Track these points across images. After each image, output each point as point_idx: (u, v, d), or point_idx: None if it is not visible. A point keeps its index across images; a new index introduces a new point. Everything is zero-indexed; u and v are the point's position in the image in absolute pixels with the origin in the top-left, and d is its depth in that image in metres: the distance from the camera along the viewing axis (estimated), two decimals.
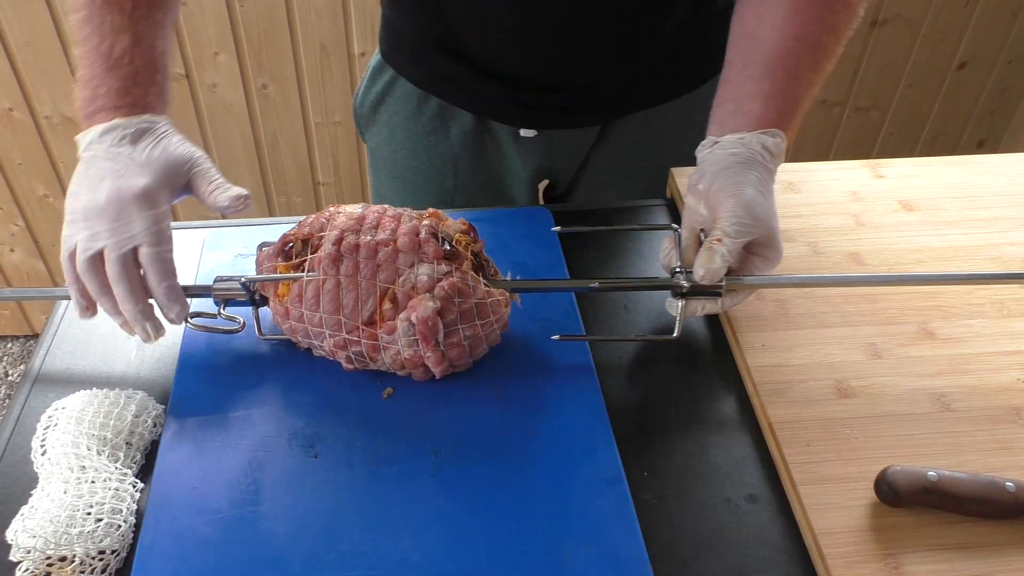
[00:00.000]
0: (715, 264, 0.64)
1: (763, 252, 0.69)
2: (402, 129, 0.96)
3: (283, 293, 0.67)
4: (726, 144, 0.69)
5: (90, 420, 0.62)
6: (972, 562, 0.57)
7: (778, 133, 0.69)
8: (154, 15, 0.68)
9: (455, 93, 0.91)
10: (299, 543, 0.57)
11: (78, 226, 0.65)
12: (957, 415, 0.67)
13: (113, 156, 0.65)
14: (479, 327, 0.65)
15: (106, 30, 0.66)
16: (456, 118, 0.93)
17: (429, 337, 0.63)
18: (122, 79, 0.66)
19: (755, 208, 0.66)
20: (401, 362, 0.65)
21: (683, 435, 0.67)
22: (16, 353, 2.13)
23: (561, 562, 0.56)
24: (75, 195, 0.65)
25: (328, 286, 0.64)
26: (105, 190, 0.63)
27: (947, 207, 0.88)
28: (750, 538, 0.60)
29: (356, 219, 0.67)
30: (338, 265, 0.64)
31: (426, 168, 0.97)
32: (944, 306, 0.76)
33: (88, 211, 0.64)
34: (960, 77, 1.80)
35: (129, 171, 0.64)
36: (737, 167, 0.67)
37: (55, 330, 0.75)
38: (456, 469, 0.61)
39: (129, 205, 0.63)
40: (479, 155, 0.95)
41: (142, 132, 0.66)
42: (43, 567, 0.55)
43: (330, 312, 0.64)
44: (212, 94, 1.67)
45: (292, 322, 0.66)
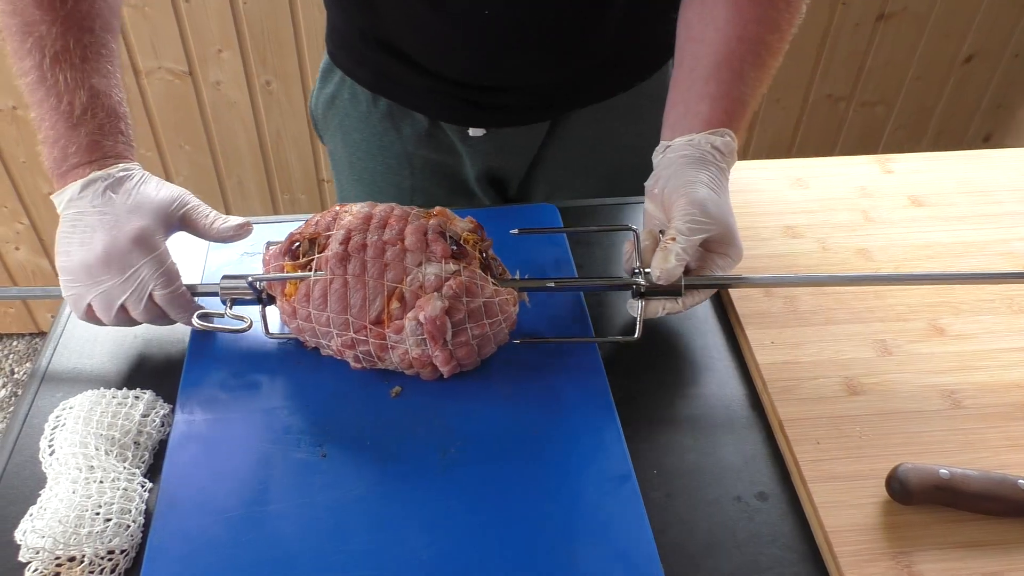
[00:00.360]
0: (669, 264, 0.64)
1: (722, 250, 0.69)
2: (355, 131, 0.95)
3: (290, 292, 0.66)
4: (677, 147, 0.70)
5: (98, 420, 0.62)
6: (984, 560, 0.57)
7: (727, 132, 0.69)
8: (103, 65, 0.68)
9: (401, 93, 0.91)
10: (307, 542, 0.57)
11: (81, 284, 0.65)
12: (968, 412, 0.67)
13: (99, 208, 0.65)
14: (487, 326, 0.65)
15: (62, 89, 0.65)
16: (407, 118, 0.92)
17: (437, 336, 0.63)
18: (90, 134, 0.66)
19: (708, 206, 0.66)
20: (409, 361, 0.65)
21: (693, 433, 0.67)
22: (22, 351, 2.13)
23: (571, 561, 0.56)
24: (67, 253, 0.65)
25: (335, 286, 0.64)
26: (100, 242, 0.64)
27: (957, 202, 0.87)
28: (760, 536, 0.60)
29: (363, 218, 0.66)
30: (345, 264, 0.64)
31: (383, 169, 0.96)
32: (954, 302, 0.76)
33: (88, 266, 0.64)
34: (967, 71, 1.79)
35: (119, 219, 0.64)
36: (688, 168, 0.68)
37: (62, 329, 0.75)
38: (465, 468, 0.61)
39: (129, 252, 0.64)
40: (434, 154, 0.94)
41: (121, 180, 0.66)
42: (52, 567, 0.55)
43: (337, 312, 0.64)
44: (216, 91, 1.67)
45: (299, 321, 0.66)
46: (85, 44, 0.66)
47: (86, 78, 0.66)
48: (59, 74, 0.65)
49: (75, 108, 0.66)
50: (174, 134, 1.73)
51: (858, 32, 1.70)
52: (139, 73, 1.62)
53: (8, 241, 1.90)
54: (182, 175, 1.79)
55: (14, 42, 0.66)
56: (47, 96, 0.66)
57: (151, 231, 0.65)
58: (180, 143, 1.74)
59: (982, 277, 0.76)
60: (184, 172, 1.79)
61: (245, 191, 1.84)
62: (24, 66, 0.66)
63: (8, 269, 1.95)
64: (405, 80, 0.88)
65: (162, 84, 1.64)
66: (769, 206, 0.87)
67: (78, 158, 0.66)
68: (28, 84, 0.66)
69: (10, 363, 2.10)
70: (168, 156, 1.76)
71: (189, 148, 1.75)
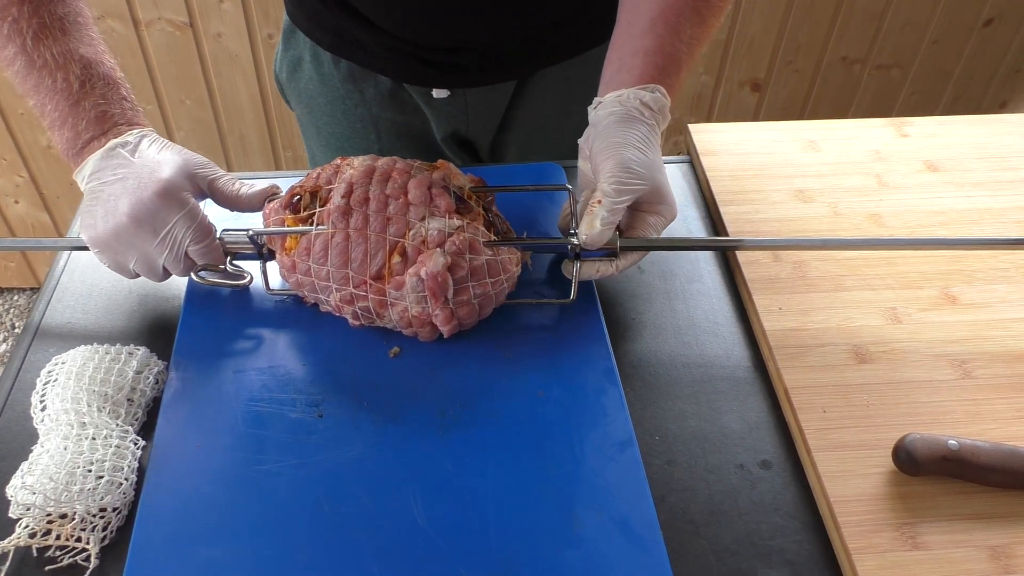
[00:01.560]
0: (595, 228, 0.63)
1: (653, 209, 0.67)
2: (319, 94, 0.93)
3: (291, 246, 0.65)
4: (607, 104, 0.68)
5: (90, 376, 0.61)
6: (991, 532, 0.56)
7: (657, 88, 0.67)
8: (85, 33, 0.66)
9: (361, 55, 0.88)
10: (302, 503, 0.56)
11: (114, 252, 0.65)
12: (978, 382, 0.65)
13: (122, 175, 0.63)
14: (489, 285, 0.63)
15: (52, 67, 0.64)
16: (369, 79, 0.89)
17: (439, 293, 0.61)
18: (95, 106, 0.65)
19: (634, 165, 0.64)
20: (408, 319, 0.64)
21: (696, 400, 0.65)
22: (22, 305, 2.12)
23: (570, 526, 0.55)
24: (93, 226, 0.64)
25: (337, 239, 0.63)
26: (126, 204, 0.62)
27: (973, 168, 0.85)
28: (763, 505, 0.59)
29: (365, 171, 0.65)
30: (347, 218, 0.63)
31: (348, 132, 0.94)
32: (967, 270, 0.74)
33: (119, 231, 0.63)
34: (986, 34, 1.75)
35: (142, 179, 0.62)
36: (616, 126, 0.66)
37: (55, 283, 0.73)
38: (464, 431, 0.60)
39: (158, 210, 0.62)
40: (399, 116, 0.92)
41: (139, 144, 0.65)
42: (44, 524, 0.55)
43: (338, 266, 0.63)
44: (217, 43, 1.63)
45: (299, 276, 0.65)
46: (60, 16, 0.64)
47: (73, 50, 0.64)
48: (45, 52, 0.64)
49: (72, 83, 0.64)
50: (174, 87, 1.70)
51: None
52: (138, 24, 1.59)
53: (7, 194, 1.88)
54: (183, 130, 1.77)
55: None
56: (40, 78, 0.64)
57: (177, 186, 0.63)
58: (181, 97, 1.71)
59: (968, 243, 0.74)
60: (185, 127, 1.76)
61: (247, 146, 1.82)
62: (7, 54, 0.64)
63: (8, 222, 1.94)
64: (364, 41, 0.85)
65: (162, 36, 1.61)
66: (779, 169, 0.84)
67: (90, 132, 0.65)
68: (17, 72, 0.64)
69: (11, 317, 2.10)
70: (169, 110, 1.73)
71: (190, 103, 1.72)
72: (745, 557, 0.56)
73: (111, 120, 0.65)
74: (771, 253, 0.75)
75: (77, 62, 0.64)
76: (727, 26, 1.68)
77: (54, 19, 0.64)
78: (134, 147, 0.65)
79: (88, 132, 0.65)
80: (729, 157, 0.86)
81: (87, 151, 0.65)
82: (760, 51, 1.73)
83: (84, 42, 0.66)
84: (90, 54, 0.65)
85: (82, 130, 0.64)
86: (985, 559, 0.55)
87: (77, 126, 0.64)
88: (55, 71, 0.64)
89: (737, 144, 0.88)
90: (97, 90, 0.65)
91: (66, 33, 0.65)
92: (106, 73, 0.66)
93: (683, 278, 0.75)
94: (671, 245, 0.72)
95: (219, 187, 0.67)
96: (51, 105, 0.64)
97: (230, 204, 0.68)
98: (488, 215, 0.66)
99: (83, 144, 0.65)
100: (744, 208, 0.80)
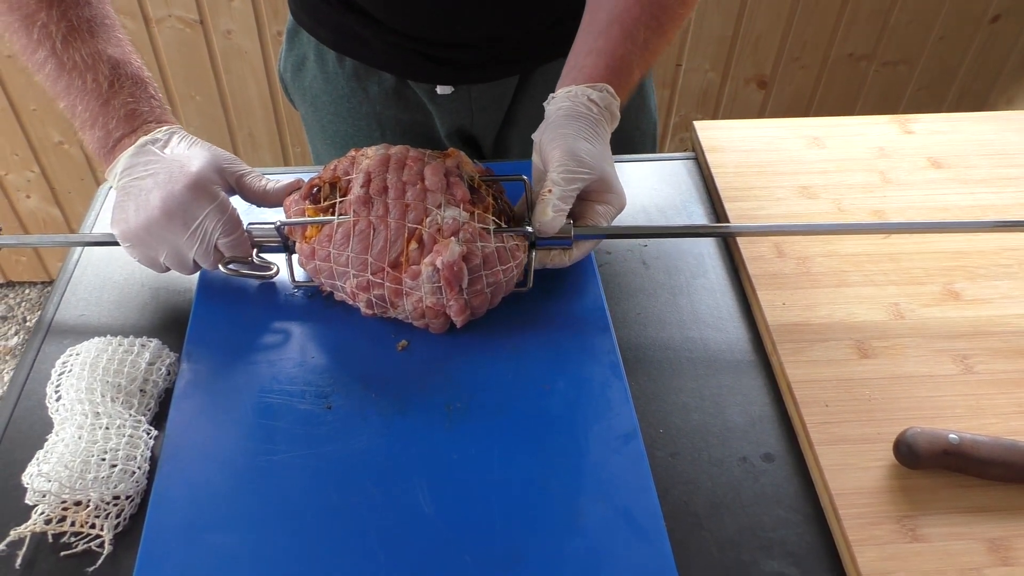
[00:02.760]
0: (547, 216, 0.64)
1: (602, 198, 0.69)
2: (323, 93, 0.94)
3: (311, 236, 0.66)
4: (558, 99, 0.70)
5: (104, 367, 0.62)
6: (991, 525, 0.57)
7: (605, 87, 0.69)
8: (113, 35, 0.67)
9: (365, 52, 0.89)
10: (311, 493, 0.57)
11: (145, 246, 0.65)
12: (980, 377, 0.66)
13: (153, 170, 0.64)
14: (500, 273, 0.64)
15: (82, 68, 0.65)
16: (373, 77, 0.90)
17: (454, 283, 0.62)
18: (124, 105, 0.66)
19: (581, 154, 0.66)
20: (422, 310, 0.64)
21: (700, 393, 0.66)
22: (34, 299, 2.14)
23: (574, 517, 0.56)
24: (124, 220, 0.65)
25: (360, 227, 0.64)
26: (157, 198, 0.63)
27: (977, 164, 0.85)
28: (765, 497, 0.60)
29: (381, 159, 0.66)
30: (368, 207, 0.64)
31: (352, 130, 0.95)
32: (970, 266, 0.75)
33: (150, 225, 0.64)
34: (993, 31, 1.75)
35: (172, 173, 0.63)
36: (564, 119, 0.68)
37: (69, 276, 0.75)
38: (470, 423, 0.61)
39: (189, 203, 0.63)
40: (403, 113, 0.93)
41: (168, 140, 0.66)
42: (59, 511, 0.56)
43: (357, 252, 0.64)
44: (227, 40, 1.65)
45: (317, 262, 0.65)
46: (87, 18, 0.66)
47: (102, 51, 0.66)
48: (74, 54, 0.65)
49: (101, 83, 0.65)
50: (184, 84, 1.71)
51: None
52: (149, 21, 1.60)
53: (19, 189, 1.90)
54: (193, 126, 1.78)
55: (21, 38, 0.65)
56: (71, 80, 0.65)
57: (207, 179, 0.64)
58: (191, 93, 1.72)
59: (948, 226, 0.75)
60: (195, 123, 1.78)
61: (256, 143, 1.83)
62: (38, 58, 0.65)
63: (19, 217, 1.96)
64: (368, 38, 0.86)
65: (172, 32, 1.62)
66: (784, 166, 0.85)
67: (121, 131, 0.66)
68: (48, 75, 0.66)
69: (22, 311, 2.12)
70: (179, 106, 1.74)
71: (200, 99, 1.73)
72: (747, 548, 0.57)
73: (141, 118, 0.66)
74: (775, 247, 0.76)
75: (106, 63, 0.65)
76: (733, 22, 1.69)
77: (82, 22, 0.65)
78: (164, 143, 0.66)
79: (119, 130, 0.66)
80: (734, 154, 0.86)
81: (118, 149, 0.66)
82: (766, 48, 1.74)
83: (112, 43, 0.67)
84: (118, 55, 0.67)
85: (112, 128, 0.66)
86: (984, 551, 0.55)
87: (107, 125, 0.66)
88: (84, 72, 0.65)
89: (742, 141, 0.88)
90: (126, 89, 0.66)
91: (94, 35, 0.66)
92: (134, 73, 0.67)
93: (687, 273, 0.76)
94: (625, 233, 0.73)
95: (247, 183, 0.68)
96: (81, 106, 0.66)
97: (257, 199, 0.69)
98: (498, 203, 0.67)
99: (114, 142, 0.66)
100: (749, 204, 0.81)
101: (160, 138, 0.66)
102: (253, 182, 0.69)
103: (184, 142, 0.66)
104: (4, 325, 2.09)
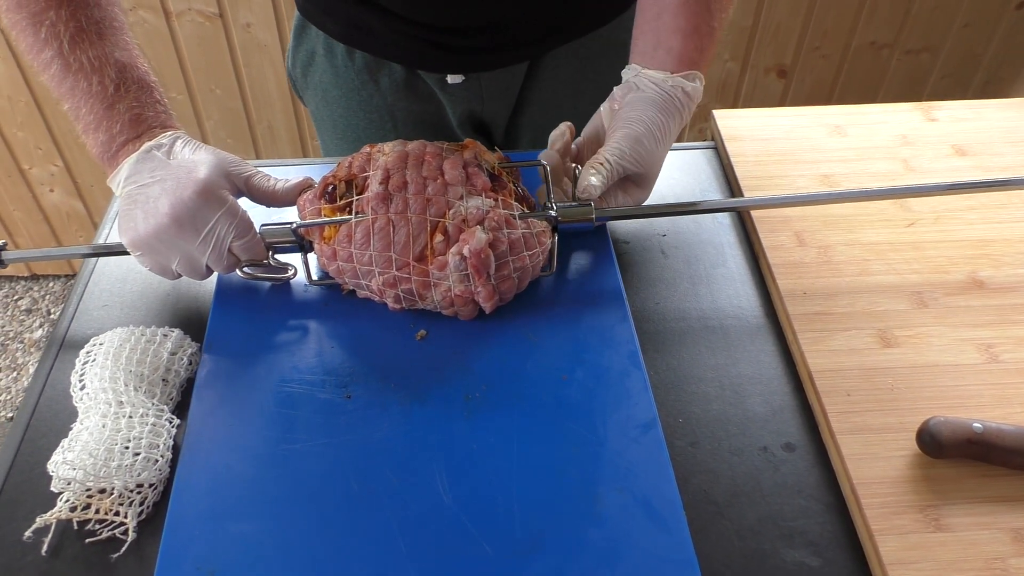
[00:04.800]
0: (588, 181, 0.66)
1: (628, 190, 0.70)
2: (334, 87, 0.93)
3: (329, 236, 0.66)
4: (647, 83, 0.70)
5: (127, 356, 0.63)
6: (1015, 515, 0.56)
7: (698, 76, 0.69)
8: (121, 38, 0.67)
9: (374, 44, 0.88)
10: (331, 481, 0.57)
11: (156, 253, 0.65)
12: (1005, 366, 0.65)
13: (158, 176, 0.64)
14: (527, 258, 0.64)
15: (88, 70, 0.64)
16: (383, 69, 0.90)
17: (481, 270, 0.62)
18: (129, 109, 0.65)
19: (641, 149, 0.68)
20: (451, 299, 0.65)
21: (719, 383, 0.66)
22: (57, 292, 2.17)
23: (594, 506, 0.56)
24: (134, 228, 0.64)
25: (379, 224, 0.64)
26: (167, 205, 0.62)
27: (1003, 152, 0.84)
28: (786, 487, 0.59)
29: (399, 156, 0.66)
30: (387, 204, 0.64)
31: (364, 124, 0.94)
32: (995, 255, 0.74)
33: (159, 232, 0.63)
34: (1018, 17, 1.72)
35: (180, 180, 0.63)
36: (647, 105, 0.69)
37: (92, 268, 0.75)
38: (489, 413, 0.61)
39: (199, 209, 0.62)
40: (415, 104, 0.92)
41: (173, 146, 0.66)
42: (83, 498, 0.56)
43: (380, 250, 0.64)
44: (246, 33, 1.65)
45: (340, 263, 0.66)
46: (97, 20, 0.65)
47: (109, 54, 0.65)
48: (81, 56, 0.64)
49: (107, 87, 0.64)
50: (204, 77, 1.72)
51: None
52: (169, 15, 1.61)
53: (43, 183, 1.92)
54: (213, 119, 1.79)
55: (27, 37, 0.65)
56: (76, 81, 0.64)
57: (215, 184, 0.63)
58: (211, 87, 1.74)
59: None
60: (215, 116, 1.79)
61: (275, 135, 1.84)
62: (44, 58, 0.65)
63: (43, 210, 1.98)
64: (377, 29, 0.86)
65: (192, 26, 1.63)
66: (805, 154, 0.84)
67: (125, 135, 0.65)
68: (53, 76, 0.65)
69: (46, 303, 2.14)
70: (199, 99, 1.76)
71: (220, 92, 1.74)
72: (768, 538, 0.57)
73: (145, 123, 0.66)
74: (795, 237, 0.75)
75: (112, 66, 0.65)
76: (753, 12, 1.67)
77: (91, 23, 0.65)
78: (168, 149, 0.65)
79: (123, 135, 0.65)
80: (754, 143, 0.86)
81: (122, 154, 0.65)
82: (786, 37, 1.72)
83: (120, 47, 0.66)
84: (125, 58, 0.66)
85: (116, 133, 0.65)
86: (1008, 541, 0.55)
87: (112, 129, 0.65)
88: (91, 75, 0.64)
89: (762, 129, 0.88)
90: (131, 94, 0.66)
91: (102, 37, 0.65)
92: (140, 77, 0.66)
93: (707, 263, 0.75)
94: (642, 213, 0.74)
95: (255, 184, 0.68)
96: (86, 108, 0.65)
97: (267, 200, 0.69)
98: (518, 189, 0.67)
99: (118, 147, 0.66)
100: (769, 193, 0.80)
101: (164, 143, 0.65)
102: (261, 183, 0.68)
103: (188, 147, 0.66)
104: (29, 318, 2.11)
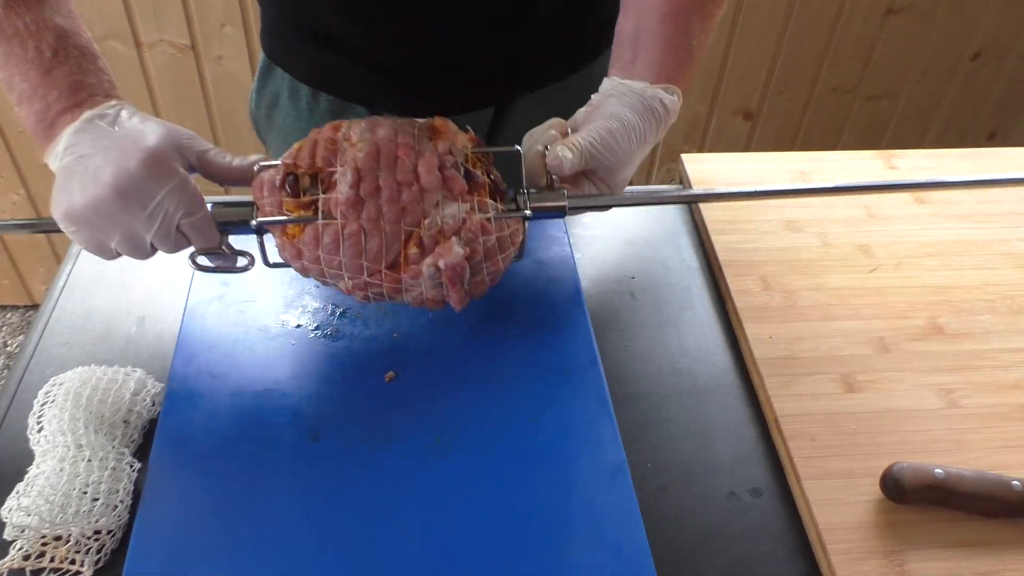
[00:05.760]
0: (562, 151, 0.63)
1: (599, 183, 0.67)
2: (296, 131, 0.90)
3: (293, 233, 0.62)
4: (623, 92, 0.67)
5: (88, 397, 0.62)
6: (977, 560, 0.57)
7: (675, 91, 0.67)
8: (63, 5, 0.61)
9: (340, 86, 0.87)
10: (297, 526, 0.56)
11: (94, 228, 0.58)
12: (965, 412, 0.66)
13: (104, 147, 0.57)
14: (500, 262, 0.63)
15: (24, 34, 0.58)
16: (349, 112, 0.88)
17: (456, 281, 0.61)
18: (68, 75, 0.59)
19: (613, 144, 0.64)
20: (421, 301, 0.63)
21: (688, 427, 0.66)
22: (15, 323, 2.12)
23: (563, 553, 0.55)
24: (68, 200, 0.57)
25: (349, 230, 0.60)
26: (109, 175, 0.55)
27: (960, 200, 0.86)
28: (753, 532, 0.60)
29: (370, 154, 0.61)
30: (359, 210, 0.60)
31: None
32: (954, 300, 0.75)
33: (98, 206, 0.56)
34: (974, 67, 1.78)
35: (125, 149, 0.56)
36: (624, 108, 0.66)
37: (54, 304, 0.74)
38: (457, 457, 0.61)
39: (146, 182, 0.56)
40: None
41: (118, 115, 0.59)
42: (38, 546, 0.55)
43: (351, 256, 0.60)
44: (218, 66, 1.65)
45: (306, 263, 0.62)
46: None
47: (48, 19, 0.59)
48: (17, 21, 0.58)
49: (44, 52, 0.58)
50: (175, 109, 1.71)
51: (866, 25, 1.69)
52: (140, 46, 1.61)
53: (4, 212, 1.88)
54: None
55: None
56: (10, 47, 0.58)
57: (165, 154, 0.57)
58: (181, 118, 1.73)
59: None
60: None
61: None
62: None
63: (3, 240, 1.94)
64: (343, 71, 0.85)
65: (164, 57, 1.63)
66: (770, 200, 0.86)
67: (62, 103, 0.58)
68: None
69: (3, 335, 2.09)
70: None
71: (190, 124, 1.74)
72: None
73: (86, 90, 0.59)
74: (761, 281, 0.76)
75: (51, 31, 0.59)
76: (721, 55, 1.71)
77: None
78: (113, 119, 0.58)
79: (60, 103, 0.58)
80: (721, 187, 0.87)
81: (60, 124, 0.58)
82: (753, 81, 1.76)
83: (61, 13, 0.60)
84: (66, 25, 0.60)
85: (53, 100, 0.58)
86: None
87: (48, 96, 0.58)
88: (26, 39, 0.58)
89: (729, 174, 0.89)
90: (72, 60, 0.59)
91: (41, 3, 0.59)
92: (82, 44, 0.60)
93: (675, 306, 0.76)
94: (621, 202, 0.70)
95: (210, 159, 0.61)
96: (19, 76, 0.58)
97: (222, 177, 0.62)
98: (491, 178, 0.64)
99: (55, 115, 0.58)
100: (735, 238, 0.81)
101: (108, 113, 0.58)
102: (216, 158, 0.61)
103: (136, 117, 0.59)
104: None
